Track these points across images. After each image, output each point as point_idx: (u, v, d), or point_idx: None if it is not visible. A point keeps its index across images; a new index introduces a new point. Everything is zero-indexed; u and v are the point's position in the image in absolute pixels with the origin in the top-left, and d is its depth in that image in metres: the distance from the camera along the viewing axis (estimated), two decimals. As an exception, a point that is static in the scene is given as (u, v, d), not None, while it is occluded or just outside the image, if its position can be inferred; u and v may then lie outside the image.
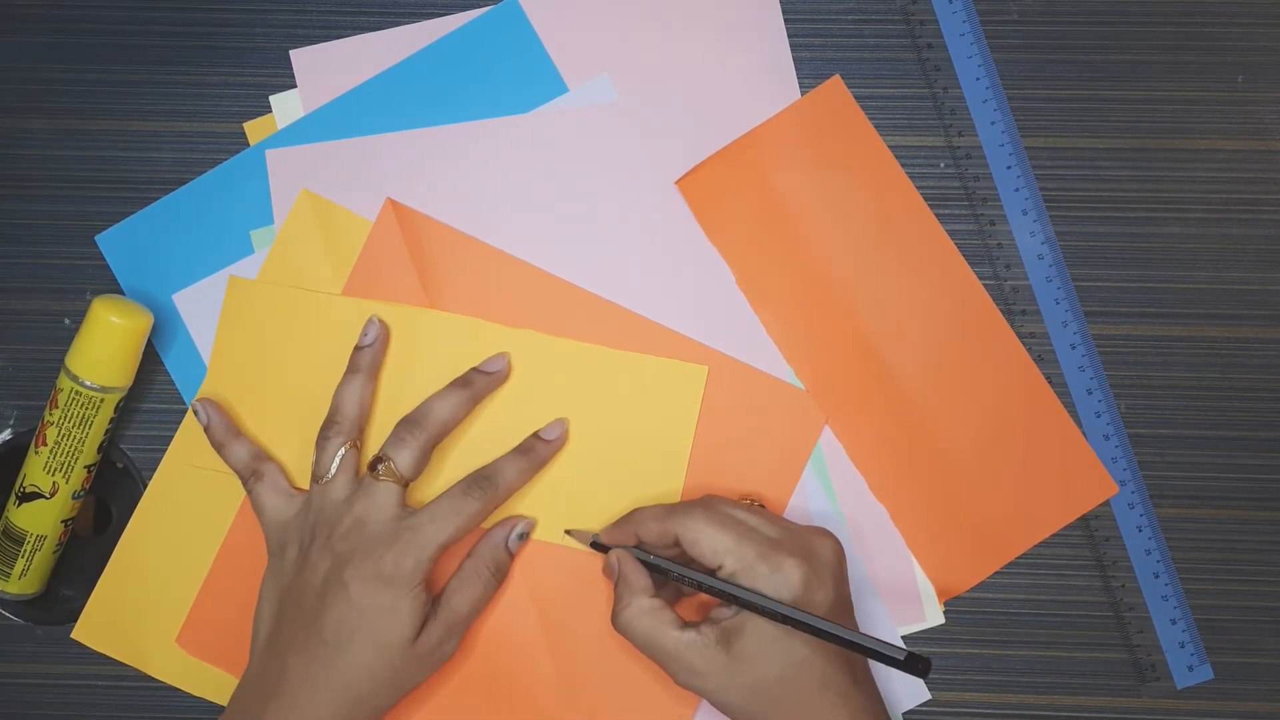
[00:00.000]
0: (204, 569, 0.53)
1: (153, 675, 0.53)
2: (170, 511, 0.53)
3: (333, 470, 0.49)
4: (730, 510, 0.47)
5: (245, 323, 0.53)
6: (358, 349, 0.51)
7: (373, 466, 0.48)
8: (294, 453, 0.52)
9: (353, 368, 0.51)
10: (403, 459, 0.48)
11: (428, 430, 0.49)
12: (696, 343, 0.53)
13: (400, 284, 0.52)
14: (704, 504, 0.47)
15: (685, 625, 0.46)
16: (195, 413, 0.51)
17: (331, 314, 0.52)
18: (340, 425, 0.49)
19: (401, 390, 0.51)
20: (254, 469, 0.50)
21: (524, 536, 0.51)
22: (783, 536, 0.46)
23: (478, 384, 0.51)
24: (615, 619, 0.47)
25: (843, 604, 0.46)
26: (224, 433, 0.51)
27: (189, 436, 0.53)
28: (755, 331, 0.53)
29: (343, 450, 0.49)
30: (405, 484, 0.49)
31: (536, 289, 0.53)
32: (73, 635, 0.53)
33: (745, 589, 0.44)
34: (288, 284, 0.53)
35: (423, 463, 0.49)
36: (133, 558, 0.53)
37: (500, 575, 0.50)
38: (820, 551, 0.46)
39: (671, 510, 0.47)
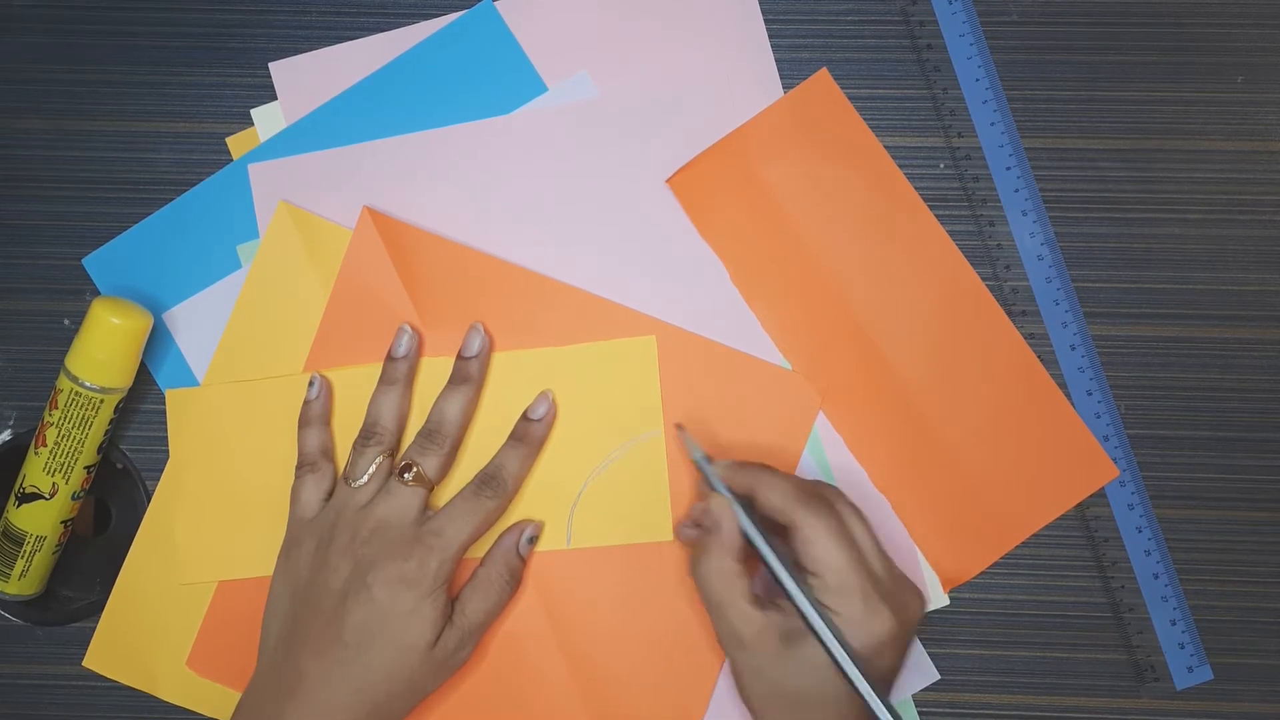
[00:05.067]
0: (210, 588, 0.53)
1: (165, 699, 0.53)
2: (172, 532, 0.53)
3: (365, 478, 0.49)
4: (853, 525, 0.46)
5: (194, 429, 0.53)
6: (391, 360, 0.51)
7: (400, 473, 0.49)
8: (264, 543, 0.51)
9: (389, 379, 0.51)
10: (429, 464, 0.49)
11: (450, 434, 0.50)
12: (691, 333, 0.53)
13: (385, 292, 0.52)
14: (829, 510, 0.46)
15: (755, 602, 0.45)
16: (310, 383, 0.51)
17: (276, 396, 0.52)
18: (380, 437, 0.50)
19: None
20: (314, 461, 0.51)
21: (534, 540, 0.51)
22: (886, 577, 0.45)
23: (473, 372, 0.51)
24: (695, 567, 0.46)
25: (902, 662, 0.46)
26: (317, 417, 0.51)
27: (177, 461, 0.53)
28: (751, 327, 0.53)
29: (379, 459, 0.49)
30: (431, 488, 0.49)
31: (522, 290, 0.52)
32: (84, 664, 0.53)
33: (823, 622, 0.44)
34: (230, 379, 0.53)
35: (448, 466, 0.50)
36: (138, 581, 0.53)
37: (515, 581, 0.50)
38: (910, 613, 0.46)
39: (802, 497, 0.46)
